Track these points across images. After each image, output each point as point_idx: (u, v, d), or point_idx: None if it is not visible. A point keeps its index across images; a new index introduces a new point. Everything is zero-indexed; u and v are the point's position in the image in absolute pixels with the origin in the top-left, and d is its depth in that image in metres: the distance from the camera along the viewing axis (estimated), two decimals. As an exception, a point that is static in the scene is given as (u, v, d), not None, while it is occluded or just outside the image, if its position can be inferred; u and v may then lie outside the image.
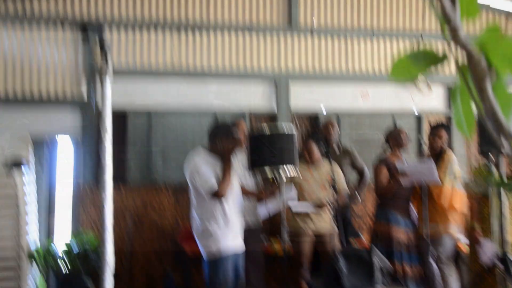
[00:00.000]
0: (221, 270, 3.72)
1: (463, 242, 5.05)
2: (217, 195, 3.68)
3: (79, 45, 5.58)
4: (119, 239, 5.42)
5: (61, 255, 4.73)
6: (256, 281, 4.64)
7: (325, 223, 4.51)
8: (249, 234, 4.54)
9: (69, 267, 4.77)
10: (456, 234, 4.60)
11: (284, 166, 3.74)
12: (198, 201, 3.80)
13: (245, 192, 4.20)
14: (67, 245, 4.80)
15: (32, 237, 4.78)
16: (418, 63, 0.91)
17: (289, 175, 4.47)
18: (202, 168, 3.72)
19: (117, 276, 5.21)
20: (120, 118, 5.63)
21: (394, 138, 4.73)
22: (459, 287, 4.65)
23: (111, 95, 5.64)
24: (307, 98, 6.03)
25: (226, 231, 3.75)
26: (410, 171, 4.38)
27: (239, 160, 4.47)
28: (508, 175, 4.24)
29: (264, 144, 3.71)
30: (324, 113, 6.00)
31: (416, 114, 6.23)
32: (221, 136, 3.81)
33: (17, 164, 4.66)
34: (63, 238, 4.98)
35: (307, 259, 4.53)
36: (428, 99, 6.21)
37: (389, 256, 4.32)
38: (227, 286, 3.74)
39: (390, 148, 4.78)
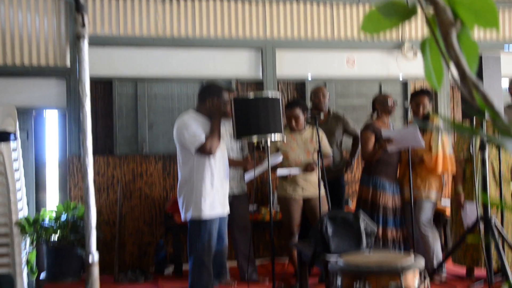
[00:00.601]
0: (204, 233, 3.72)
1: (446, 206, 5.15)
2: (206, 149, 3.66)
3: (62, 13, 5.51)
4: (109, 210, 5.46)
5: (50, 225, 4.76)
6: (242, 247, 4.71)
7: (313, 187, 4.56)
8: (235, 201, 4.60)
9: (60, 237, 4.82)
10: (437, 198, 4.68)
11: (270, 134, 3.76)
12: (185, 160, 3.79)
13: (232, 162, 4.22)
14: (57, 215, 4.84)
15: (21, 207, 4.80)
16: (388, 15, 0.92)
17: (274, 143, 4.52)
18: (191, 124, 3.72)
19: (108, 246, 5.30)
20: (106, 87, 5.61)
21: (380, 104, 4.76)
22: (441, 251, 4.76)
23: (97, 64, 5.57)
24: (294, 65, 6.03)
25: (212, 193, 3.76)
26: (395, 137, 4.41)
27: (227, 130, 4.48)
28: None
29: (249, 109, 3.72)
30: (310, 80, 6.00)
31: (402, 80, 6.26)
32: (211, 96, 3.81)
33: (3, 137, 4.63)
34: (52, 209, 5.00)
35: (296, 224, 4.60)
36: (413, 65, 6.23)
37: (374, 221, 4.40)
38: (209, 249, 3.75)
39: (376, 114, 4.81)
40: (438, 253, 4.59)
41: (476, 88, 0.78)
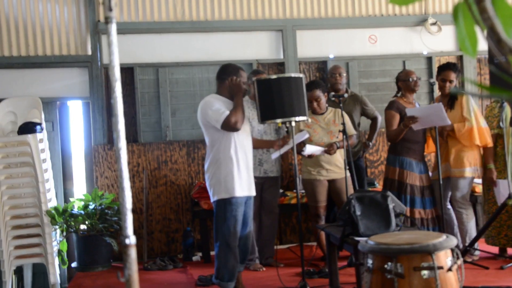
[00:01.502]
0: (230, 216, 3.76)
1: (477, 184, 5.08)
2: (231, 123, 3.70)
3: (81, 1, 5.57)
4: (136, 198, 5.55)
5: (79, 213, 4.86)
6: (265, 231, 4.75)
7: (338, 168, 4.56)
8: (266, 183, 4.65)
9: (89, 226, 4.92)
10: (473, 173, 4.61)
11: (295, 116, 3.76)
12: (211, 143, 3.86)
13: (258, 143, 4.25)
14: (84, 204, 4.94)
15: (50, 198, 4.91)
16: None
17: (298, 124, 4.51)
18: (214, 103, 3.79)
19: (136, 234, 5.39)
20: (128, 74, 5.67)
21: (403, 81, 4.70)
22: (475, 229, 4.71)
23: (118, 50, 5.64)
24: (315, 45, 6.00)
25: (238, 174, 3.80)
26: (420, 115, 4.36)
27: (252, 115, 4.50)
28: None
29: (272, 90, 3.72)
30: (332, 59, 5.96)
31: (426, 56, 6.17)
32: (229, 75, 3.85)
33: (30, 129, 4.74)
34: (80, 199, 5.11)
35: (322, 207, 4.61)
36: (438, 40, 6.13)
37: (402, 201, 4.37)
38: (235, 232, 3.79)
39: (400, 92, 4.75)
40: (471, 232, 4.55)
41: (513, 52, 0.78)
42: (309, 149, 4.36)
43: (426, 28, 6.09)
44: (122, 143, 1.42)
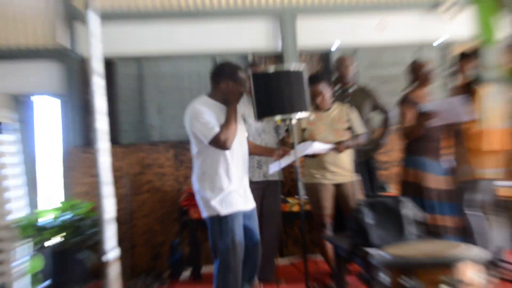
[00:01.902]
0: (225, 231, 3.66)
1: (505, 186, 5.07)
2: (220, 142, 3.62)
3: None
4: (117, 207, 5.50)
5: (51, 227, 4.81)
6: (266, 244, 4.71)
7: (345, 171, 4.52)
8: (268, 189, 4.62)
9: (63, 239, 4.87)
10: (498, 176, 4.60)
11: (295, 112, 3.72)
12: (199, 153, 3.78)
13: (256, 150, 4.19)
14: (56, 215, 4.89)
15: (17, 207, 4.86)
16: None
17: (299, 122, 4.48)
18: (203, 113, 3.68)
19: (118, 247, 5.34)
20: (107, 68, 5.63)
21: (417, 73, 4.68)
22: (502, 235, 4.70)
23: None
24: (317, 34, 5.97)
25: (230, 188, 3.73)
26: (438, 109, 4.34)
27: (249, 111, 4.46)
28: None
29: (270, 85, 3.68)
30: (337, 49, 5.97)
31: (441, 44, 6.18)
32: (225, 78, 3.77)
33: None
34: (51, 208, 5.05)
35: (327, 214, 4.58)
36: (454, 26, 6.14)
37: (421, 207, 4.34)
38: (234, 249, 3.68)
39: (414, 84, 4.74)
40: (500, 242, 4.54)
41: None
42: (316, 147, 4.27)
43: (441, 13, 6.11)
44: (101, 144, 1.37)
